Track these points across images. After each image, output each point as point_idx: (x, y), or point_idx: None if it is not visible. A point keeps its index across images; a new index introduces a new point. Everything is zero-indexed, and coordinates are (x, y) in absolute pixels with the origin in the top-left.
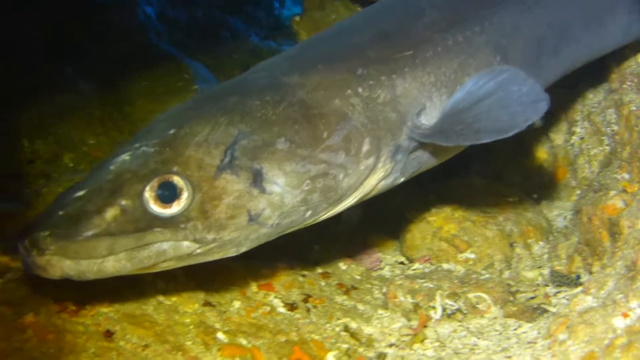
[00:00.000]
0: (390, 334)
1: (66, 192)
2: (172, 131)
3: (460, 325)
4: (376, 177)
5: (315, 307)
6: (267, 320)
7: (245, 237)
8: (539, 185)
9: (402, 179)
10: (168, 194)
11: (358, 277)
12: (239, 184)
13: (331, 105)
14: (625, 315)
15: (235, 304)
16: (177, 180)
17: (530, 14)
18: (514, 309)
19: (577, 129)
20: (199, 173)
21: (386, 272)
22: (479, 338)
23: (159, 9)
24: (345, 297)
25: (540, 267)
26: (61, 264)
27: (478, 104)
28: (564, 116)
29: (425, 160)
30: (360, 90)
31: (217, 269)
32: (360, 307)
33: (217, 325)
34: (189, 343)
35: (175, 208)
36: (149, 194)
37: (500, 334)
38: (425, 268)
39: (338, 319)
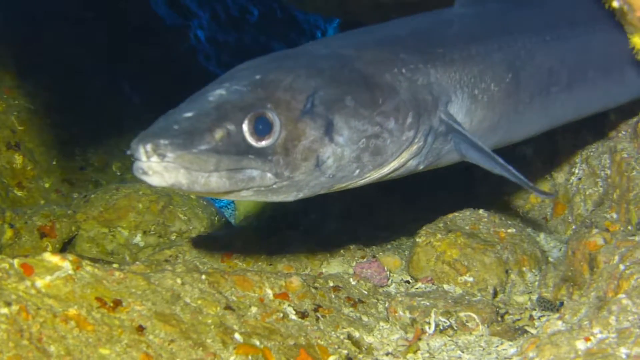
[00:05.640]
0: (388, 344)
1: (167, 115)
2: (258, 76)
3: (450, 340)
4: (409, 152)
5: (324, 316)
6: (280, 325)
7: (307, 183)
8: (539, 219)
9: (421, 167)
10: (262, 127)
11: (365, 292)
12: (315, 130)
13: (383, 78)
14: (587, 340)
15: (252, 309)
16: (270, 116)
17: (545, 46)
18: (499, 328)
19: (576, 170)
20: (287, 113)
21: (392, 289)
22: (464, 352)
23: (209, 34)
24: (352, 309)
25: (530, 292)
26: (176, 172)
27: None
28: (566, 158)
29: (442, 154)
30: (403, 70)
31: (238, 279)
32: (365, 318)
33: (235, 327)
34: (209, 341)
35: (267, 140)
36: (247, 126)
37: (483, 349)
38: (427, 288)
39: (343, 328)
